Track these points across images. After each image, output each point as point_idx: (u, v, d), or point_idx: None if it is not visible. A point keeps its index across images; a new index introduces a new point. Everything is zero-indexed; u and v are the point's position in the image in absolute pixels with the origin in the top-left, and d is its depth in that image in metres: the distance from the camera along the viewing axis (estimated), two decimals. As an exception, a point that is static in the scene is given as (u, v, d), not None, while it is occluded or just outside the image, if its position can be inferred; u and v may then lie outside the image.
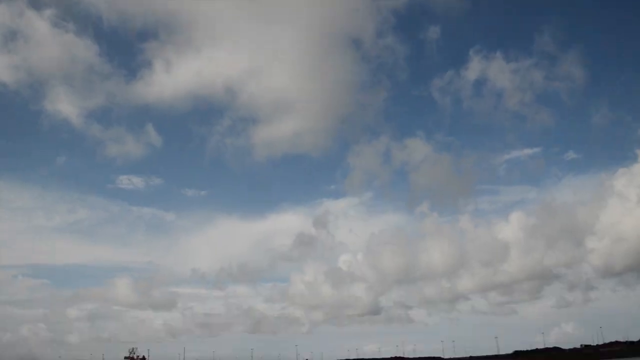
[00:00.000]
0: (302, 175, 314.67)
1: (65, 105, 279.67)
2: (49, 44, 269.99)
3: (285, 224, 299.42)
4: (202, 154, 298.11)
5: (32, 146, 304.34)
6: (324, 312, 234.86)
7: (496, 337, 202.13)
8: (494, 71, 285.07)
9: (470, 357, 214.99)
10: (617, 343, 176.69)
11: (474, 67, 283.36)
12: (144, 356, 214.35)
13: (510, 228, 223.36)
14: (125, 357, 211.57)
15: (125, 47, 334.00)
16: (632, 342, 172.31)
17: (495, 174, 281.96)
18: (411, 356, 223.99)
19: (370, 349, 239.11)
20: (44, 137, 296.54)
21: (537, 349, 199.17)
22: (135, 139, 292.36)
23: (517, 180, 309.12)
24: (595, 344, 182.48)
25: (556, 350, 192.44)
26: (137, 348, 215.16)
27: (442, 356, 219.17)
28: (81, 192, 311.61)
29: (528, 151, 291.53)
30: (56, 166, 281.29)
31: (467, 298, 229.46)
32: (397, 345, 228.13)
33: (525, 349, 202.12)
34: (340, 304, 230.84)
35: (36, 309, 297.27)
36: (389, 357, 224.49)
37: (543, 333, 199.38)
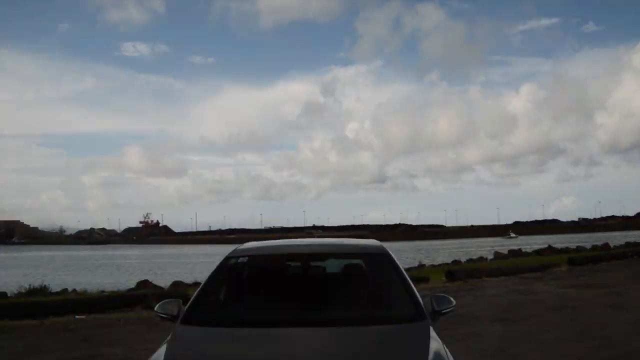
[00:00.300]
0: (309, 42, 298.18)
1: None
2: None
3: (293, 91, 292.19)
4: (207, 19, 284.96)
5: (30, 12, 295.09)
6: (330, 179, 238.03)
7: (497, 208, 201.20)
8: None
9: (472, 225, 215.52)
10: (613, 217, 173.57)
11: None
12: (157, 221, 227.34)
13: (520, 100, 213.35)
14: (141, 222, 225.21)
15: None
16: (628, 217, 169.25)
17: (509, 45, 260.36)
18: (414, 223, 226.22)
19: (375, 216, 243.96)
20: (39, 2, 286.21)
21: (536, 220, 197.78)
22: (137, 2, 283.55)
23: (531, 51, 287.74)
24: (592, 217, 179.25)
25: (554, 222, 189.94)
26: (151, 213, 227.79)
27: (444, 224, 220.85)
28: (87, 61, 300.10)
29: (545, 22, 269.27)
30: (59, 34, 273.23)
31: (472, 169, 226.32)
32: (401, 213, 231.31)
33: (524, 220, 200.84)
34: (346, 172, 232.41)
35: (52, 177, 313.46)
36: (393, 223, 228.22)
37: (543, 205, 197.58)
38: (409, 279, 4.16)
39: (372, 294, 4.33)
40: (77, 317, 11.02)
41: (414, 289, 4.05)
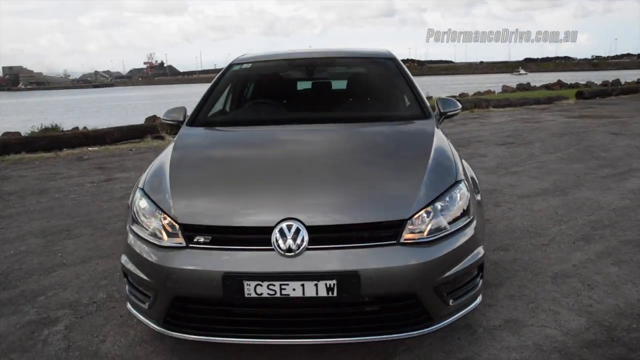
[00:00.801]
0: None
1: None
2: None
3: None
4: None
5: None
6: (337, 13, 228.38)
7: (508, 43, 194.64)
8: None
9: (481, 62, 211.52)
10: (628, 55, 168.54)
11: None
12: (162, 61, 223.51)
13: None
14: (145, 63, 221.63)
15: None
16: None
17: None
18: (423, 59, 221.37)
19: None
20: None
21: (547, 57, 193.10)
22: None
23: None
24: (606, 55, 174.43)
25: (566, 59, 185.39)
26: (154, 54, 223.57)
27: (453, 60, 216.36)
28: None
29: None
30: None
31: (484, 2, 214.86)
32: (409, 48, 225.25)
33: (536, 57, 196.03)
34: (353, 5, 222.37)
35: (49, 19, 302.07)
36: (401, 59, 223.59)
37: (556, 42, 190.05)
38: (415, 82, 4.15)
39: (378, 96, 4.34)
40: (90, 149, 11.32)
41: (420, 91, 4.07)
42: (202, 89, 4.19)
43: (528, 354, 2.82)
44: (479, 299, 2.87)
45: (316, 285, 2.37)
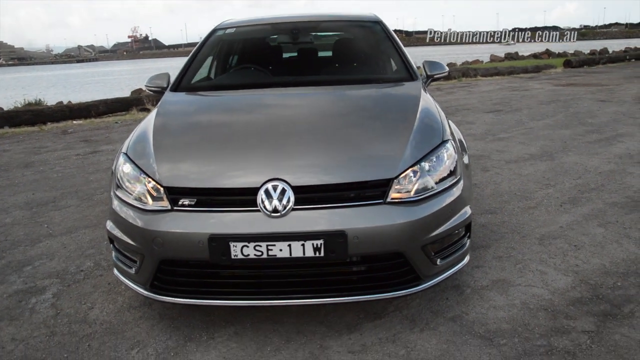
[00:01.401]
0: None
1: None
2: None
3: None
4: None
5: None
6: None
7: (497, 13, 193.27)
8: None
9: (469, 32, 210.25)
10: (616, 24, 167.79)
11: None
12: (146, 35, 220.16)
13: None
14: (129, 37, 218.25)
15: None
16: (632, 24, 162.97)
17: None
18: (411, 30, 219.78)
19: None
20: None
21: (535, 27, 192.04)
22: None
23: None
24: (594, 25, 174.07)
25: (554, 29, 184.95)
26: (139, 27, 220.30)
27: (440, 30, 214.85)
28: None
29: None
30: None
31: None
32: (397, 19, 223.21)
33: (524, 27, 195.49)
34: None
35: None
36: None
37: (545, 11, 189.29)
38: (402, 45, 4.11)
39: (365, 59, 4.29)
40: (74, 122, 11.17)
41: (407, 54, 4.02)
42: (185, 61, 4.11)
43: (515, 312, 2.84)
44: (466, 259, 2.88)
45: (303, 245, 2.36)
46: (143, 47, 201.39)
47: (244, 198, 2.46)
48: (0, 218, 4.81)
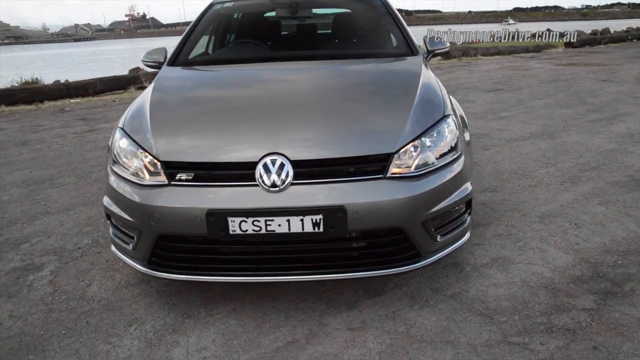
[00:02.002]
0: None
1: None
2: None
3: None
4: None
5: None
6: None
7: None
8: None
9: (470, 12, 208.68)
10: (619, 4, 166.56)
11: None
12: (144, 13, 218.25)
13: None
14: (126, 15, 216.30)
15: None
16: (634, 4, 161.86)
17: None
18: (411, 9, 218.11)
19: None
20: None
21: (537, 6, 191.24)
22: None
23: None
24: (596, 5, 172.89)
25: (556, 8, 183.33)
26: (136, 5, 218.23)
27: (441, 10, 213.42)
28: None
29: None
30: None
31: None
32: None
33: (525, 7, 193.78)
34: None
35: None
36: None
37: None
38: (403, 20, 4.04)
39: (366, 34, 4.22)
40: (72, 100, 11.08)
41: (408, 29, 3.96)
42: None
43: (515, 289, 2.83)
44: (467, 236, 2.86)
45: (302, 220, 2.33)
46: (140, 26, 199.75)
47: (242, 172, 2.42)
48: (-3, 196, 4.77)
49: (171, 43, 4.24)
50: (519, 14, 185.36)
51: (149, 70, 3.83)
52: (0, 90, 11.62)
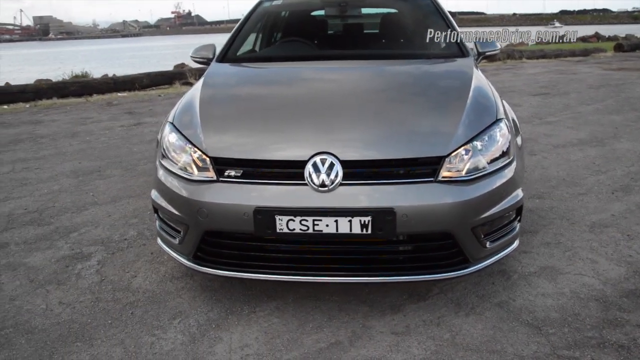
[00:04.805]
0: None
1: None
2: None
3: None
4: None
5: None
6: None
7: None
8: None
9: (514, 14, 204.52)
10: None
11: None
12: (189, 10, 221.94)
13: None
14: (172, 12, 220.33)
15: None
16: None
17: None
18: (454, 10, 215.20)
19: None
20: None
21: (584, 9, 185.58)
22: None
23: None
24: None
25: (604, 11, 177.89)
26: (181, 2, 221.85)
27: (485, 12, 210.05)
28: None
29: None
30: None
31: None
32: None
33: (572, 9, 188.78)
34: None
35: None
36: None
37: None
38: (453, 20, 3.98)
39: (414, 33, 4.17)
40: (119, 94, 11.34)
41: (458, 29, 3.89)
42: (227, 38, 4.08)
43: (565, 301, 2.74)
44: (516, 243, 2.79)
45: (350, 221, 2.31)
46: (186, 23, 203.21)
47: (292, 171, 2.41)
48: (49, 185, 4.91)
49: (216, 40, 4.28)
50: (565, 17, 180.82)
51: (195, 66, 3.87)
52: (52, 83, 11.98)
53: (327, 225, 2.33)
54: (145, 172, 5.17)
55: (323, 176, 2.35)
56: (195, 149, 2.59)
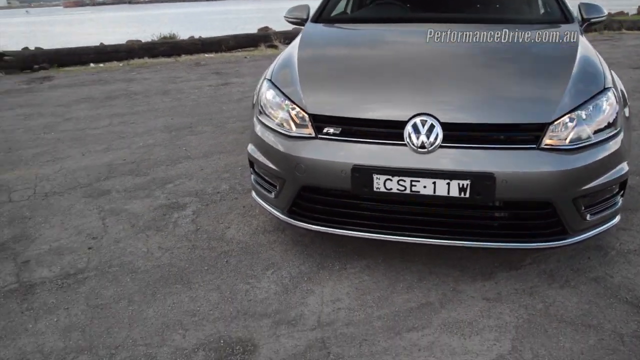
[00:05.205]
0: None
1: None
2: None
3: None
4: None
5: None
6: None
7: None
8: None
9: None
10: None
11: None
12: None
13: None
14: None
15: None
16: None
17: None
18: None
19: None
20: None
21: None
22: None
23: None
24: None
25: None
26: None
27: None
28: None
29: None
30: None
31: None
32: None
33: None
34: None
35: None
36: None
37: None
38: None
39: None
40: (206, 55, 11.62)
41: None
42: (316, 2, 4.06)
43: (667, 280, 2.62)
44: (617, 218, 2.67)
45: (448, 184, 2.30)
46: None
47: (391, 131, 2.41)
48: (144, 139, 5.16)
49: (297, 4, 4.24)
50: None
51: (279, 29, 3.88)
52: (143, 44, 12.44)
53: (424, 187, 2.33)
54: (234, 129, 5.32)
55: (423, 137, 2.34)
56: (294, 106, 2.64)
